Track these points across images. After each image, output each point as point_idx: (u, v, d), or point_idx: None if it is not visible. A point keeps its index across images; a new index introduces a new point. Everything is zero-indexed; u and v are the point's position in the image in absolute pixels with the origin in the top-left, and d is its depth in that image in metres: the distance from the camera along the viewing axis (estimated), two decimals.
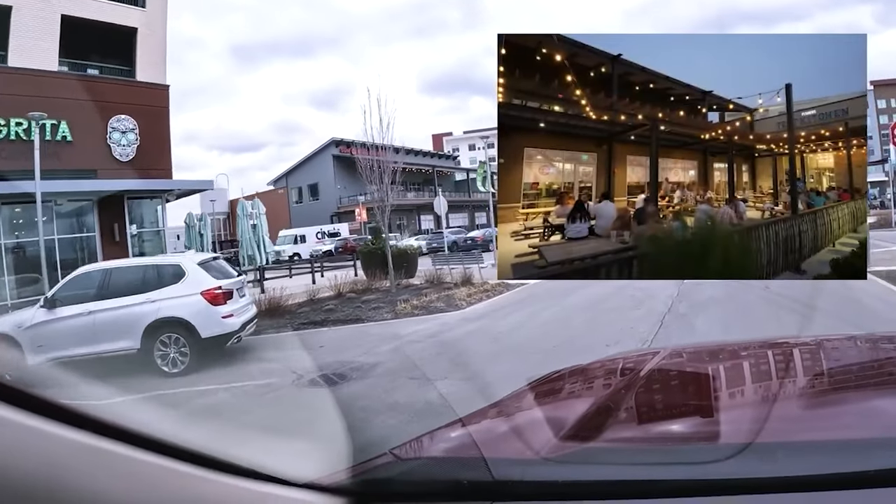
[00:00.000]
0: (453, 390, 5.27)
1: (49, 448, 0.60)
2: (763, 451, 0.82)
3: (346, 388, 6.21)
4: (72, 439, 0.62)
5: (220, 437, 0.87)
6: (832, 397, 1.17)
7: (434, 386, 5.66)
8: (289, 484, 0.83)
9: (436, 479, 0.91)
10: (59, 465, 0.61)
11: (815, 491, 0.73)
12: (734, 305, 8.82)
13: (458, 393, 5.05)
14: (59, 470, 0.60)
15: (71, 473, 0.61)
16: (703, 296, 9.43)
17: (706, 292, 9.51)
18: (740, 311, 8.44)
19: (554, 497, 0.82)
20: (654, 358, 1.57)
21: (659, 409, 1.26)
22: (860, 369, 1.37)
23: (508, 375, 4.03)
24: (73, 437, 0.62)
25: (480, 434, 1.09)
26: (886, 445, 0.79)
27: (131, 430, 0.68)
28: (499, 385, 2.58)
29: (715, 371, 1.46)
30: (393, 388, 5.90)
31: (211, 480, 0.73)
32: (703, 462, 0.82)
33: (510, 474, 0.86)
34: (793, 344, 1.65)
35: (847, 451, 0.79)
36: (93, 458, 0.63)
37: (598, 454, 0.93)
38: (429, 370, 6.32)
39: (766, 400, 1.17)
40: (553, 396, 1.43)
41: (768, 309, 8.17)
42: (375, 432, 4.25)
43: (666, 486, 0.80)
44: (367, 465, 0.98)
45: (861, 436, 0.87)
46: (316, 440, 1.13)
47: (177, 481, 0.70)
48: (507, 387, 1.56)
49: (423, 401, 5.26)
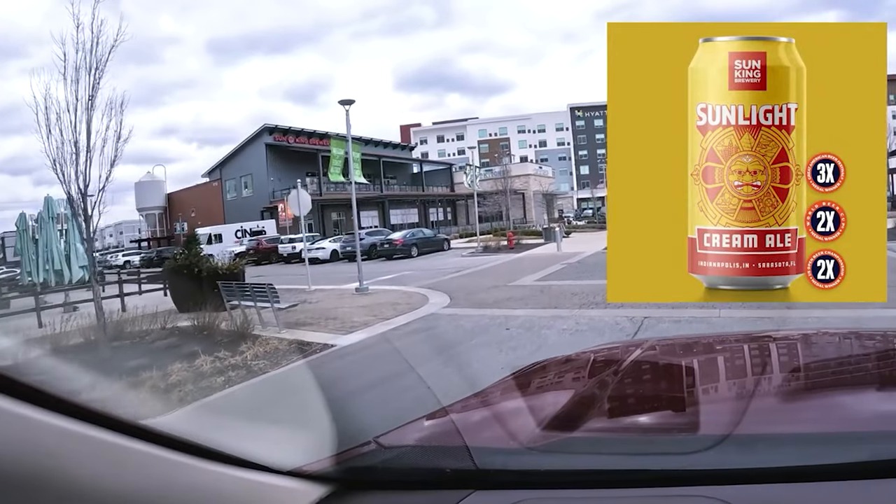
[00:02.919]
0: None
1: (36, 435, 0.60)
2: (742, 442, 0.83)
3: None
4: (59, 426, 0.61)
5: (204, 425, 0.94)
6: (810, 391, 1.18)
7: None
8: (273, 471, 0.84)
9: (419, 467, 0.91)
10: (47, 453, 0.60)
11: (794, 482, 0.74)
12: None
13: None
14: (45, 457, 0.60)
15: (58, 461, 0.61)
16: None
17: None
18: None
19: (536, 486, 0.83)
20: (636, 349, 1.56)
21: (640, 400, 1.26)
22: (838, 364, 1.36)
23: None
24: (60, 425, 0.62)
25: (464, 423, 1.09)
26: (863, 439, 0.81)
27: (117, 418, 0.67)
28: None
29: (695, 363, 1.48)
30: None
31: (195, 467, 0.74)
32: (684, 452, 0.82)
33: (493, 463, 0.87)
34: (772, 338, 1.67)
35: (825, 443, 0.81)
36: (79, 446, 0.63)
37: (580, 444, 0.93)
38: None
39: (746, 392, 1.17)
40: (536, 386, 1.42)
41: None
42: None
43: (647, 475, 0.80)
44: (352, 453, 0.98)
45: (839, 429, 0.88)
46: (300, 428, 1.12)
47: (162, 468, 0.70)
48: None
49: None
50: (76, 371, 1.02)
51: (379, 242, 25.64)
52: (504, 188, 41.70)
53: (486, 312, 8.39)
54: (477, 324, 7.49)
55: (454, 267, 17.17)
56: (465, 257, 21.24)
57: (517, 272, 13.86)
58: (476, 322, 7.72)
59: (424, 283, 12.95)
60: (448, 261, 20.44)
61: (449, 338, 6.94)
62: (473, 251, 22.93)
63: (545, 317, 7.55)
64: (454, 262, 19.73)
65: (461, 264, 18.00)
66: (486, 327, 7.21)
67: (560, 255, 17.92)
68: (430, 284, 12.72)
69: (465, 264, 17.93)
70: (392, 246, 24.93)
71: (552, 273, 13.06)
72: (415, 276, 15.19)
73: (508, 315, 7.92)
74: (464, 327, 7.48)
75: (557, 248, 19.34)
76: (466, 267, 16.87)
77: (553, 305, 8.37)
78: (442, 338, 7.04)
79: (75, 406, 0.63)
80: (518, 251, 21.39)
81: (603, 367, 1.47)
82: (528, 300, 9.10)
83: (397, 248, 24.66)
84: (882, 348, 1.47)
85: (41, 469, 0.59)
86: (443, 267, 17.58)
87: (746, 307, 7.50)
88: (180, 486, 0.72)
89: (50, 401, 0.62)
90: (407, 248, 24.66)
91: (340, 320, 9.32)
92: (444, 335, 7.19)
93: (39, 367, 0.74)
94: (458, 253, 23.54)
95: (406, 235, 25.95)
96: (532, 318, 7.57)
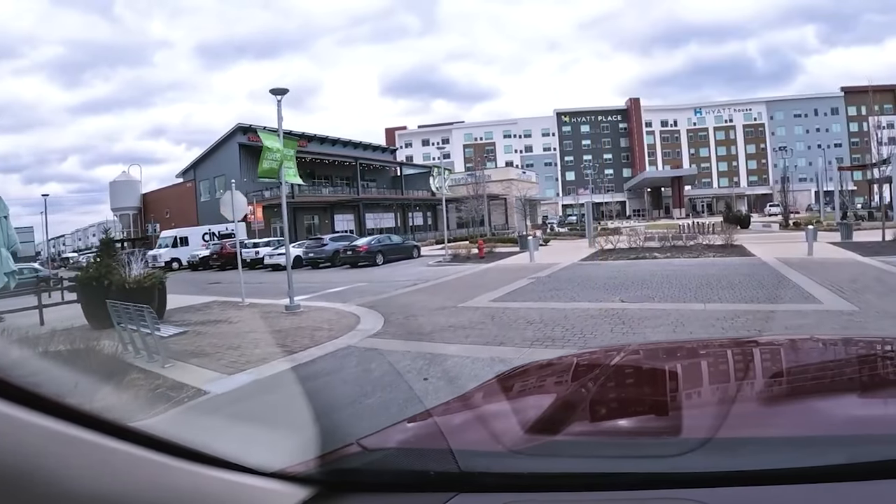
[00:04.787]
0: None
1: (20, 435, 0.59)
2: (724, 445, 0.83)
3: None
4: (44, 426, 0.61)
5: (188, 427, 0.89)
6: (790, 396, 1.18)
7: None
8: (257, 473, 0.83)
9: (403, 470, 0.90)
10: (30, 453, 0.60)
11: (776, 484, 0.75)
12: None
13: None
14: (29, 457, 0.60)
15: (41, 460, 0.61)
16: None
17: None
18: None
19: (520, 489, 0.82)
20: (620, 354, 1.55)
21: (623, 404, 1.25)
22: (817, 369, 1.37)
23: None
24: (44, 425, 0.61)
25: (448, 425, 1.08)
26: (840, 442, 0.82)
27: (101, 418, 0.67)
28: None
29: (678, 368, 1.47)
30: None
31: (179, 469, 0.73)
32: (667, 456, 0.82)
33: (477, 466, 0.86)
34: (754, 343, 1.74)
35: (804, 446, 0.82)
36: (63, 446, 0.63)
37: (563, 447, 0.93)
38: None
39: (727, 396, 1.18)
40: (519, 390, 1.40)
41: None
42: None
43: (630, 478, 0.80)
44: (335, 455, 0.97)
45: (817, 432, 0.89)
46: (284, 429, 1.11)
47: (145, 469, 0.70)
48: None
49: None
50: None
51: (342, 249, 23.66)
52: (481, 193, 40.10)
53: (413, 348, 6.50)
54: (391, 368, 5.60)
55: (413, 278, 15.27)
56: (430, 267, 19.34)
57: (476, 288, 11.98)
58: (394, 363, 5.83)
59: (366, 301, 11.06)
60: (411, 270, 18.55)
61: (343, 391, 5.05)
62: (441, 260, 21.02)
63: (482, 359, 5.66)
64: (416, 271, 17.83)
65: (422, 275, 16.10)
66: (400, 373, 5.33)
67: (532, 266, 16.08)
68: (371, 302, 10.82)
69: (426, 276, 16.02)
70: (356, 253, 22.98)
71: (515, 290, 11.18)
72: (363, 290, 13.28)
73: (437, 354, 6.04)
74: (372, 373, 5.59)
75: (530, 258, 17.50)
76: (426, 279, 14.97)
77: (499, 341, 6.48)
78: (336, 390, 5.14)
79: (60, 406, 0.63)
80: (489, 260, 19.52)
81: (586, 370, 1.46)
82: (472, 330, 7.21)
83: (361, 256, 22.72)
84: (861, 354, 1.50)
85: (24, 468, 0.59)
86: (401, 278, 15.67)
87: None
88: (164, 487, 0.71)
89: (34, 401, 0.61)
90: (372, 255, 22.72)
91: (241, 350, 7.41)
92: (341, 385, 5.30)
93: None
94: (426, 261, 21.64)
95: (371, 242, 23.99)
96: (464, 360, 5.68)
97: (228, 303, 12.70)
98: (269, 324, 9.48)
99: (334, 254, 23.95)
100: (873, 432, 0.86)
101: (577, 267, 15.28)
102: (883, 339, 1.77)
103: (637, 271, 13.27)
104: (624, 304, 8.65)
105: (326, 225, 44.69)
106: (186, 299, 13.32)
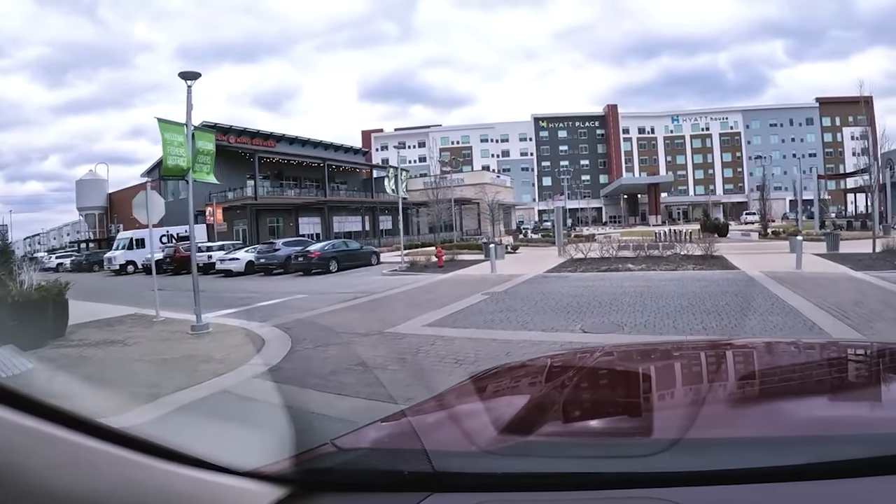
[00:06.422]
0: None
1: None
2: (694, 445, 0.84)
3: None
4: (14, 422, 0.61)
5: (163, 426, 1.05)
6: (758, 397, 1.19)
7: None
8: (231, 472, 0.82)
9: (377, 470, 0.90)
10: (7, 450, 0.59)
11: (745, 483, 0.75)
12: None
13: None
14: (6, 454, 0.59)
15: (14, 457, 0.60)
16: None
17: None
18: None
19: (493, 488, 0.82)
20: (593, 355, 1.57)
21: (596, 405, 1.25)
22: (785, 372, 1.39)
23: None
24: (15, 420, 0.61)
25: (422, 426, 1.08)
26: (804, 442, 0.84)
27: (73, 415, 0.66)
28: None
29: (651, 369, 1.49)
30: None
31: (152, 467, 0.72)
32: (638, 455, 0.83)
33: (450, 466, 0.86)
34: (727, 345, 1.74)
35: (770, 446, 0.82)
36: (34, 441, 0.62)
37: (536, 447, 0.93)
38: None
39: (698, 397, 1.19)
40: (494, 391, 1.40)
41: None
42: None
43: (603, 478, 0.80)
44: (309, 455, 0.96)
45: (782, 433, 0.89)
46: (259, 429, 1.12)
47: (117, 467, 0.69)
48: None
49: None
50: None
51: (293, 255, 21.71)
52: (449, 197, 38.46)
53: (297, 399, 4.72)
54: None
55: (358, 290, 13.46)
56: (383, 276, 17.52)
57: (419, 306, 10.20)
58: (262, 421, 4.03)
59: (287, 320, 9.26)
60: (363, 279, 16.72)
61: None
62: (396, 269, 19.22)
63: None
64: (367, 281, 16.01)
65: (370, 287, 14.29)
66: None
67: (491, 278, 14.36)
68: (291, 322, 9.03)
69: (374, 287, 14.21)
70: (307, 259, 21.06)
71: (461, 310, 9.43)
72: (295, 305, 11.45)
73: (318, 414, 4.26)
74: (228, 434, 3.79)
75: (492, 268, 15.80)
76: (371, 291, 13.16)
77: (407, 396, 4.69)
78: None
79: (31, 402, 0.63)
80: (449, 269, 17.75)
81: (560, 372, 1.47)
82: (384, 372, 5.44)
83: (313, 262, 20.81)
84: (829, 357, 1.52)
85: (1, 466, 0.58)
86: (346, 290, 13.84)
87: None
88: (138, 485, 0.70)
89: (11, 399, 0.61)
90: (325, 262, 20.83)
91: (102, 394, 5.53)
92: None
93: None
94: (382, 269, 19.82)
95: (325, 248, 22.10)
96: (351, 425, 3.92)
97: (143, 317, 10.87)
98: (164, 349, 7.66)
99: (286, 260, 22.01)
100: (837, 433, 0.88)
101: (541, 280, 13.60)
102: (851, 342, 1.82)
103: (607, 287, 11.62)
104: (585, 333, 6.99)
105: (291, 228, 42.49)
106: (105, 310, 11.71)
